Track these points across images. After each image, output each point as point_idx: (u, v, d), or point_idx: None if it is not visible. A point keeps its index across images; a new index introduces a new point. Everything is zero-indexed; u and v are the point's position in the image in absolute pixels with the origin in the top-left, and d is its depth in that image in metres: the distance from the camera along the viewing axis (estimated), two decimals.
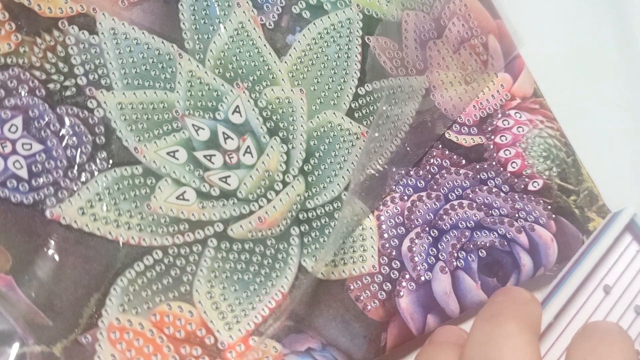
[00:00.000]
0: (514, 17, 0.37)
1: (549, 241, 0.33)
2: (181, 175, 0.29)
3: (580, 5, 0.41)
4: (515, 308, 0.26)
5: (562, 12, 0.41)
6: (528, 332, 0.24)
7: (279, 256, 0.29)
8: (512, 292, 0.28)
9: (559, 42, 0.40)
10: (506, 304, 0.26)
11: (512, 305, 0.26)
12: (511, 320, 0.24)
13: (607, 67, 0.40)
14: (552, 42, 0.40)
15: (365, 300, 0.30)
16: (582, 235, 0.34)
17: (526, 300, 0.27)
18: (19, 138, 0.27)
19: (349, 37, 0.33)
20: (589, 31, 0.41)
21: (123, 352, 0.26)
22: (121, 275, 0.27)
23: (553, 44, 0.40)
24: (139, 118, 0.29)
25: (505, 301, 0.26)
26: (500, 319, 0.25)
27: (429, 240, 0.32)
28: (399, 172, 0.32)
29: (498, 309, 0.26)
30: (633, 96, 0.40)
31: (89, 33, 0.29)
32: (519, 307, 0.26)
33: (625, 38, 0.41)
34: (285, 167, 0.31)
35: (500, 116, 0.35)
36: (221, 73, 0.31)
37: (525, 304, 0.26)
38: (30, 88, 0.27)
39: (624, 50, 0.41)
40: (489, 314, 0.26)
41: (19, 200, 0.26)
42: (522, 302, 0.26)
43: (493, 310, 0.26)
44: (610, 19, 0.41)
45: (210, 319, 0.28)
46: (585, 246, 0.32)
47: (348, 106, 0.32)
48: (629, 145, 0.39)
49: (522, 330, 0.24)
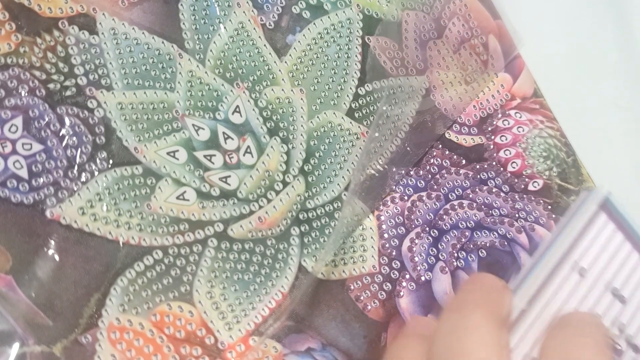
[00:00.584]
0: (514, 17, 0.37)
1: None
2: (181, 175, 0.29)
3: (580, 6, 0.41)
4: (483, 297, 0.24)
5: (562, 12, 0.41)
6: (494, 322, 0.23)
7: (279, 256, 0.29)
8: (481, 279, 0.26)
9: (559, 42, 0.40)
10: (474, 292, 0.25)
11: (480, 293, 0.25)
12: (477, 310, 0.23)
13: (607, 67, 0.40)
14: (552, 42, 0.40)
15: (365, 300, 0.30)
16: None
17: (495, 287, 0.25)
18: (19, 138, 0.27)
19: (349, 37, 0.33)
20: (589, 31, 0.41)
21: (123, 352, 0.26)
22: (121, 275, 0.27)
23: (553, 44, 0.40)
24: (139, 118, 0.29)
25: (473, 290, 0.25)
26: (466, 310, 0.24)
27: (429, 240, 0.32)
28: (399, 172, 0.32)
29: (464, 298, 0.25)
30: (633, 96, 0.40)
31: (89, 33, 0.29)
32: (487, 296, 0.24)
33: (625, 38, 0.41)
34: (285, 167, 0.31)
35: (500, 116, 0.35)
36: (221, 73, 0.31)
37: (494, 291, 0.25)
38: (31, 88, 0.27)
39: (624, 50, 0.41)
40: (455, 305, 0.25)
41: (19, 200, 0.26)
42: (491, 289, 0.25)
43: (460, 300, 0.25)
44: (610, 19, 0.41)
45: (210, 319, 0.28)
46: (558, 228, 0.30)
47: (348, 106, 0.32)
48: (629, 145, 0.39)
49: (488, 321, 0.23)
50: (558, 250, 0.29)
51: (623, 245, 0.30)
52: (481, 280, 0.26)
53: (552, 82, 0.38)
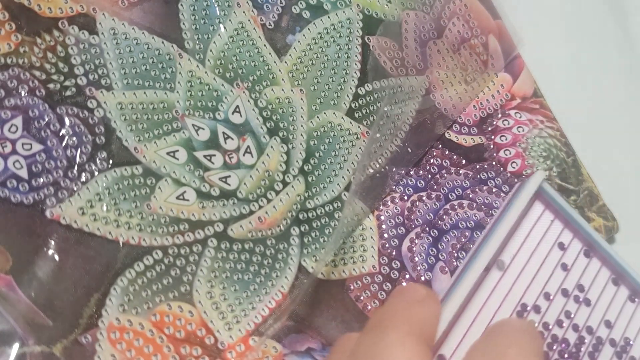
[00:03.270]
0: (514, 17, 0.37)
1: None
2: (181, 175, 0.29)
3: (581, 6, 0.41)
4: (403, 312, 0.23)
5: (562, 12, 0.41)
6: (413, 338, 0.22)
7: (279, 256, 0.29)
8: (404, 291, 0.25)
9: (559, 42, 0.40)
10: (395, 306, 0.24)
11: (401, 308, 0.23)
12: (395, 328, 0.22)
13: (607, 67, 0.40)
14: (552, 42, 0.40)
15: (365, 300, 0.30)
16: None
17: (419, 298, 0.24)
18: (19, 138, 0.27)
19: (349, 37, 0.33)
20: (589, 31, 0.41)
21: (123, 352, 0.26)
22: (121, 275, 0.27)
23: (553, 44, 0.40)
24: (139, 118, 0.29)
25: (394, 303, 0.24)
26: (383, 328, 0.22)
27: (429, 240, 0.32)
28: (399, 172, 0.32)
29: (384, 313, 0.23)
30: (633, 96, 0.40)
31: (89, 33, 0.29)
32: (408, 310, 0.23)
33: (625, 38, 0.41)
34: (285, 167, 0.31)
35: (500, 116, 0.35)
36: (221, 73, 0.31)
37: (416, 303, 0.24)
38: (30, 88, 0.27)
39: (624, 50, 0.41)
40: (376, 320, 0.23)
41: (19, 200, 0.26)
42: (413, 302, 0.24)
43: (380, 315, 0.23)
44: (610, 19, 0.41)
45: (210, 319, 0.28)
46: (491, 223, 0.30)
47: (348, 106, 0.32)
48: (629, 145, 0.39)
49: (407, 337, 0.22)
50: (490, 248, 0.28)
51: (561, 232, 0.29)
52: (404, 293, 0.24)
53: (552, 82, 0.38)
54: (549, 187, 0.30)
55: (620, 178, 0.38)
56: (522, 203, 0.29)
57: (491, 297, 0.28)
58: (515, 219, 0.29)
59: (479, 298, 0.28)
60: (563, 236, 0.30)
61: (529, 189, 0.29)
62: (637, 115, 0.40)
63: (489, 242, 0.28)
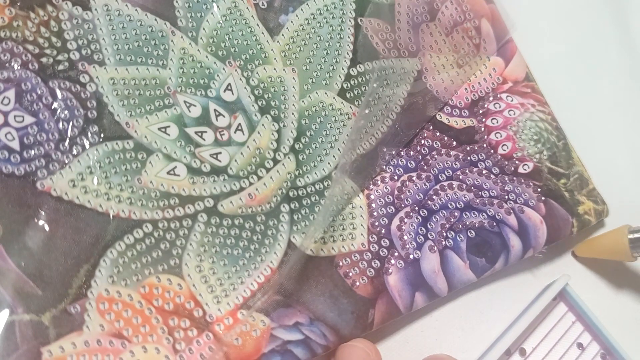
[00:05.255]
0: (506, 1, 0.37)
1: (538, 223, 0.33)
2: (172, 150, 0.29)
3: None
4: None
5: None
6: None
7: (269, 232, 0.30)
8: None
9: (551, 26, 0.40)
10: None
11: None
12: None
13: (600, 52, 0.40)
14: (545, 27, 0.40)
15: (354, 276, 0.30)
16: (572, 218, 0.34)
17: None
18: (11, 110, 0.27)
19: (342, 18, 0.33)
20: (582, 16, 0.41)
21: (112, 323, 0.26)
22: (111, 248, 0.27)
23: (545, 28, 0.40)
24: (131, 93, 0.29)
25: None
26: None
27: (419, 219, 0.32)
28: (390, 153, 0.33)
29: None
30: (625, 80, 0.40)
31: (82, 9, 0.29)
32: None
33: (617, 22, 0.41)
34: (276, 145, 0.31)
35: (491, 99, 0.35)
36: (213, 51, 0.31)
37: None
38: (23, 61, 0.28)
39: (617, 34, 0.41)
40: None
41: (10, 171, 0.26)
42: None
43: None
44: (602, 2, 0.41)
45: (199, 292, 0.28)
46: (517, 314, 0.33)
47: (340, 86, 0.33)
48: (621, 129, 0.39)
49: None
50: (511, 337, 0.31)
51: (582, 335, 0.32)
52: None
53: (544, 66, 0.38)
54: (573, 291, 0.33)
55: (610, 162, 0.38)
56: (547, 299, 0.32)
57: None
58: (538, 313, 0.32)
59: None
60: (582, 337, 0.33)
61: (553, 288, 0.33)
62: (628, 100, 0.40)
63: (513, 329, 0.31)
